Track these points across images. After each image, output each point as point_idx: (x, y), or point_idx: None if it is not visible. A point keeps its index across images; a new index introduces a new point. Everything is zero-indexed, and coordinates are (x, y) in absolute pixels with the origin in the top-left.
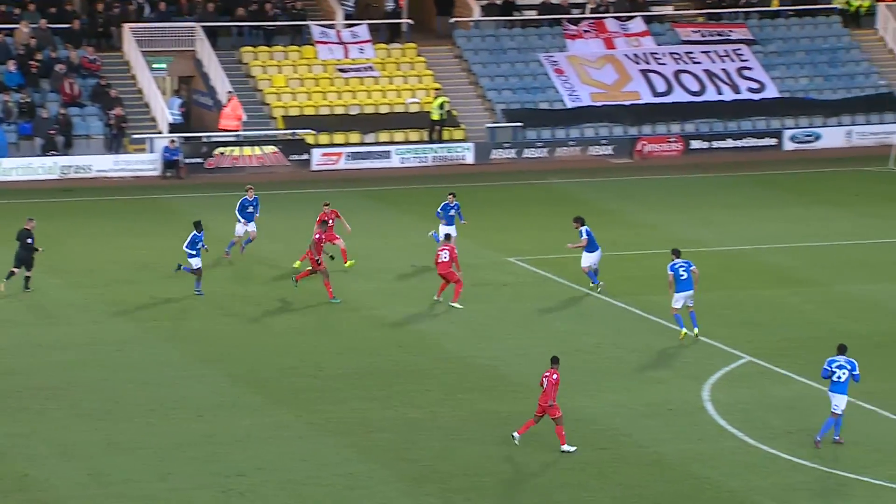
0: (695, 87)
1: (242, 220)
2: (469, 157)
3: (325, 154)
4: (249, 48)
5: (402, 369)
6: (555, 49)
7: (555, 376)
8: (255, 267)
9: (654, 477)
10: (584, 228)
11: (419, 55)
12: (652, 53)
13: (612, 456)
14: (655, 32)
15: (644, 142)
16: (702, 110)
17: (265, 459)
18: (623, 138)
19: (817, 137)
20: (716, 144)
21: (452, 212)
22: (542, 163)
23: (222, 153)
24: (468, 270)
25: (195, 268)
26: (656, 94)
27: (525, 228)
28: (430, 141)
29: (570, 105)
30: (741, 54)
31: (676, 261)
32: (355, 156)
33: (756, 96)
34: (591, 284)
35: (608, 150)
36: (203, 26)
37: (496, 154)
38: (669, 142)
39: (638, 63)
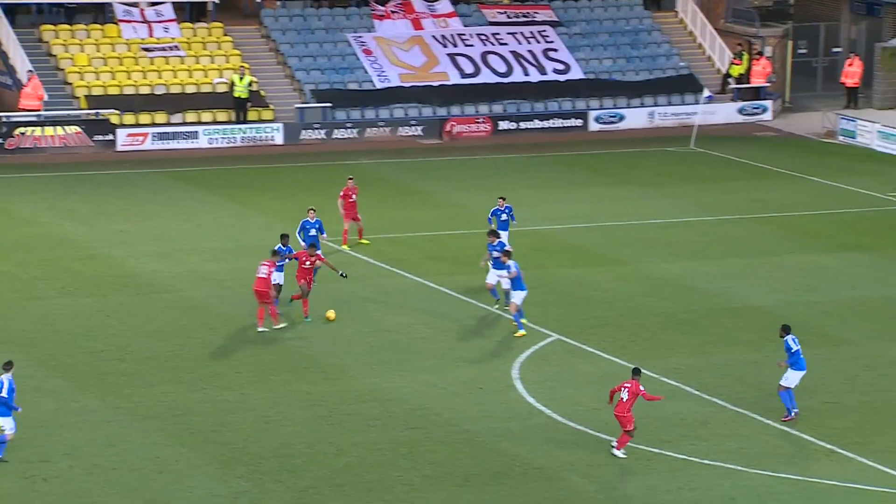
0: (502, 68)
1: (302, 244)
2: (278, 138)
3: (130, 134)
4: (50, 26)
5: (211, 352)
6: (363, 29)
7: (636, 388)
8: (58, 248)
9: (465, 455)
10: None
11: (226, 35)
12: (459, 34)
13: (423, 435)
14: (462, 14)
15: (453, 122)
16: (509, 91)
17: (71, 445)
18: (432, 119)
19: (621, 118)
20: (523, 125)
21: (504, 216)
22: (352, 143)
23: (23, 133)
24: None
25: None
26: (464, 76)
27: (335, 210)
28: (238, 121)
29: (379, 86)
30: (546, 36)
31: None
32: (162, 136)
33: (562, 77)
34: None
35: (418, 130)
36: (1, 4)
37: (306, 135)
38: (478, 122)
39: (445, 45)
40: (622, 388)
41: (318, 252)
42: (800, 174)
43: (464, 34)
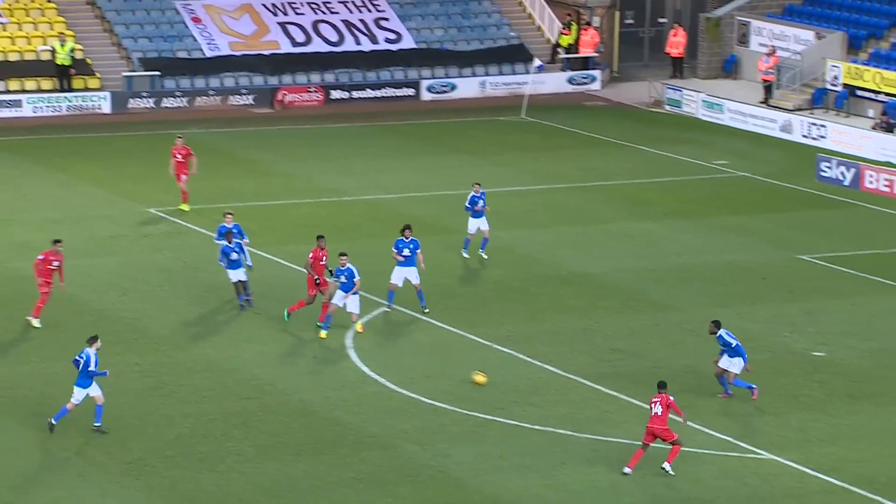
0: (333, 37)
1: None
2: (105, 107)
3: None
4: None
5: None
6: None
7: (667, 400)
8: None
9: (299, 424)
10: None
11: (49, 1)
12: (290, 3)
13: (257, 405)
14: None
15: (284, 91)
16: (341, 60)
17: None
18: (263, 88)
19: (453, 88)
20: (355, 94)
21: (481, 203)
22: (182, 112)
23: None
24: (104, 223)
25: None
26: (295, 44)
27: (164, 179)
28: (62, 89)
29: (209, 54)
30: (378, 5)
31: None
32: None
33: (394, 47)
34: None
35: (248, 99)
36: None
37: (134, 103)
38: (309, 91)
39: (276, 13)
40: (652, 404)
41: (246, 239)
42: (628, 143)
43: (294, 3)
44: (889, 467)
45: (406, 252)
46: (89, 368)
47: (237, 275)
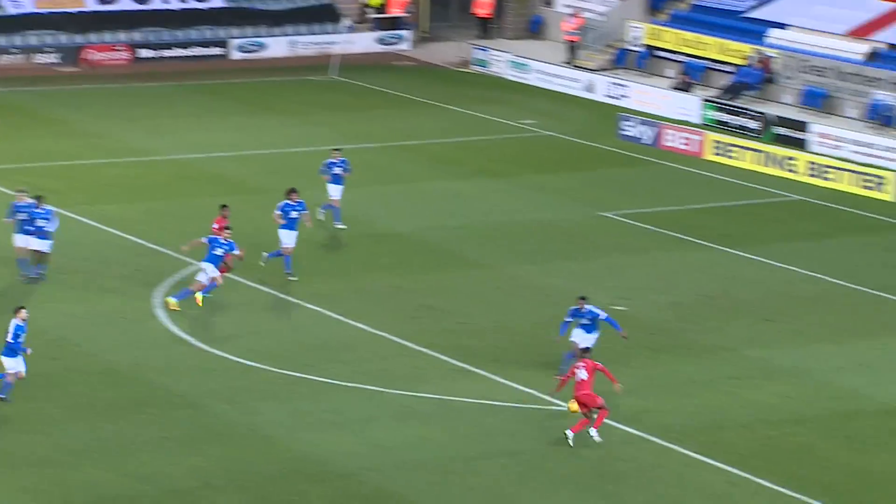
0: None
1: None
2: None
3: None
4: None
5: None
6: None
7: (594, 365)
8: None
9: (107, 385)
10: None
11: None
12: None
13: (64, 366)
14: None
15: (91, 50)
16: (149, 19)
17: None
18: (69, 46)
19: (263, 47)
20: (164, 53)
21: (338, 169)
22: None
23: None
24: None
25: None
26: (101, 2)
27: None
28: None
29: (12, 12)
30: None
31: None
32: None
33: (203, 5)
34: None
35: (53, 58)
36: None
37: None
38: (116, 50)
39: None
40: (577, 369)
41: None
42: (437, 103)
43: None
44: (684, 416)
45: (293, 214)
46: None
47: (39, 244)
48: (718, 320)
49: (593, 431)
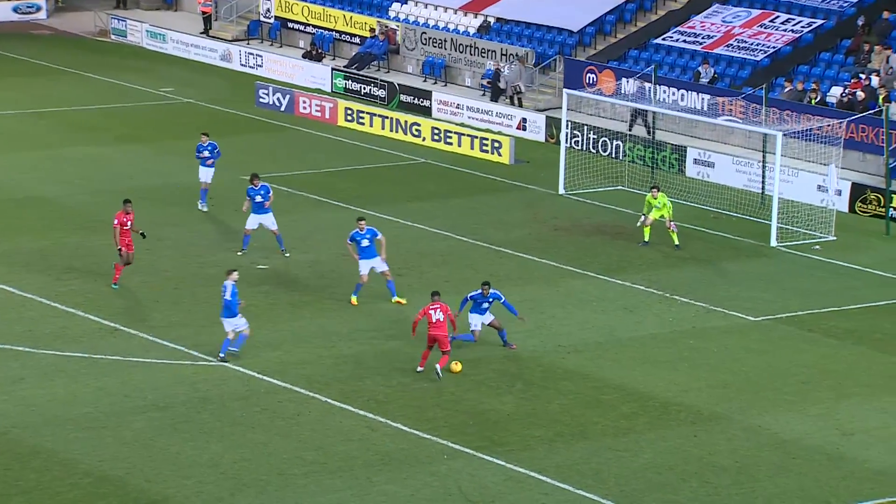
0: None
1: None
2: None
3: None
4: None
5: None
6: None
7: (446, 309)
8: None
9: None
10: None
11: None
12: None
13: None
14: None
15: None
16: None
17: None
18: None
19: None
20: None
21: (206, 153)
22: None
23: None
24: None
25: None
26: None
27: None
28: None
29: None
30: None
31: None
32: None
33: None
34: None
35: None
36: None
37: None
38: None
39: None
40: (432, 311)
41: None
42: (77, 71)
43: None
44: (326, 367)
45: (258, 199)
46: (225, 297)
47: None
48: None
49: (438, 367)
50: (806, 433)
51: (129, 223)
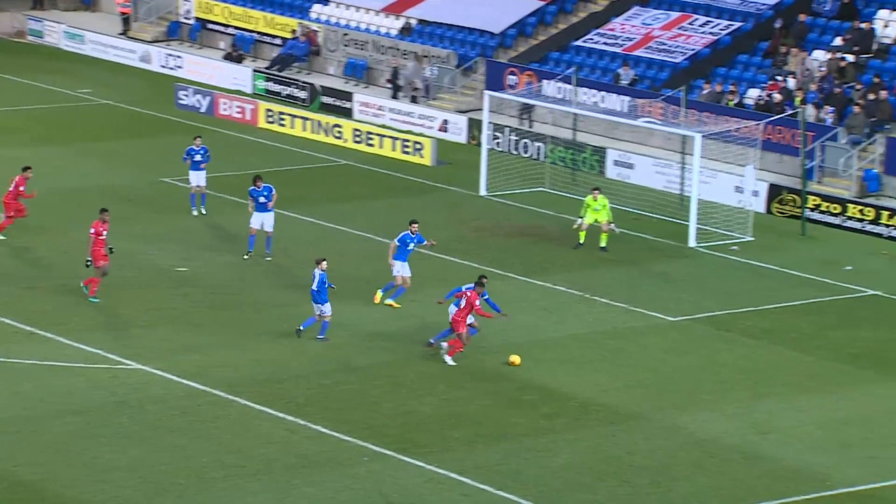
0: None
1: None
2: None
3: None
4: None
5: None
6: None
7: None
8: None
9: None
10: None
11: None
12: None
13: None
14: None
15: None
16: None
17: None
18: None
19: None
20: None
21: (199, 156)
22: None
23: None
24: None
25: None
26: None
27: None
28: None
29: None
30: None
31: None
32: None
33: None
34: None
35: None
36: None
37: None
38: None
39: None
40: (461, 297)
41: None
42: None
43: None
44: (246, 369)
45: (261, 199)
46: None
47: None
48: (276, 278)
49: (448, 358)
50: (723, 432)
51: (104, 233)
